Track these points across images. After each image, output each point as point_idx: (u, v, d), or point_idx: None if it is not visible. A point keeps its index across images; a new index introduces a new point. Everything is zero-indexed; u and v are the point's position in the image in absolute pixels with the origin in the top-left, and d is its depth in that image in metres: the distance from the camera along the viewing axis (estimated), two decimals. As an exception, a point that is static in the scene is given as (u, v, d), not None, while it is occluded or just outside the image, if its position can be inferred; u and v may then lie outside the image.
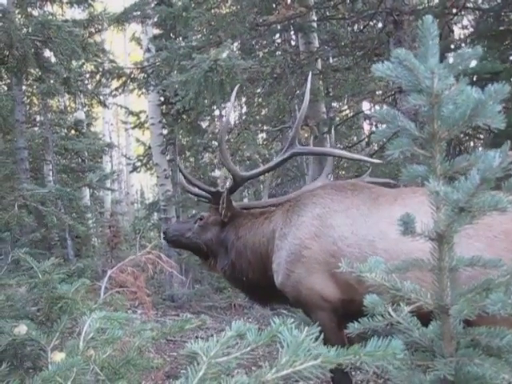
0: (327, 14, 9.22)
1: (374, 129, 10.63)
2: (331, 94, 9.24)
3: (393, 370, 1.28)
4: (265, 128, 10.50)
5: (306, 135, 7.48)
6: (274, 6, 8.83)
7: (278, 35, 10.03)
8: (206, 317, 2.15)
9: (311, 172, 6.37)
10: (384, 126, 1.38)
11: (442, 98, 1.24)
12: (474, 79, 5.12)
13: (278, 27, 9.00)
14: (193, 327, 2.29)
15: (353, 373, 4.79)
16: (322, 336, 1.24)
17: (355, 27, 9.69)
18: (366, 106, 11.52)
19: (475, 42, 6.31)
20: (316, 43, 8.56)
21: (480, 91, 1.27)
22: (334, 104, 10.08)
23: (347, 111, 9.99)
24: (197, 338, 5.48)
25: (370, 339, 1.15)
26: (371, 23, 8.87)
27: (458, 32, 8.91)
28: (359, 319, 1.53)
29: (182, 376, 1.33)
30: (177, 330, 2.13)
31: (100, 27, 6.33)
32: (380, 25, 8.49)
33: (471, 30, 8.20)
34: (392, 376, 1.37)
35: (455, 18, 7.97)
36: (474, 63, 6.03)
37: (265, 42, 9.99)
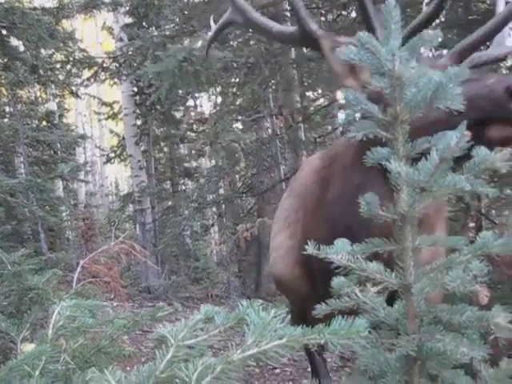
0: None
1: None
2: (305, 84, 9.26)
3: (358, 349, 1.32)
4: (240, 118, 10.49)
5: (281, 125, 7.50)
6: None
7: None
8: (178, 304, 2.16)
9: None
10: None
11: (403, 81, 1.26)
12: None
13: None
14: (166, 317, 2.29)
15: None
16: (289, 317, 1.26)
17: (329, 17, 9.71)
18: (340, 95, 11.59)
19: (444, 31, 6.39)
20: (290, 32, 8.55)
21: (441, 75, 1.29)
22: (309, 93, 10.11)
23: (321, 100, 10.04)
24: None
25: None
26: (344, 12, 8.89)
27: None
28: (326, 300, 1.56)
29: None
30: (148, 318, 2.12)
31: (68, 14, 6.20)
32: (353, 14, 8.52)
33: (442, 19, 8.29)
34: (358, 355, 1.39)
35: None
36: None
37: (238, 31, 9.94)
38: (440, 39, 1.28)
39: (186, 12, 9.20)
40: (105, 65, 9.89)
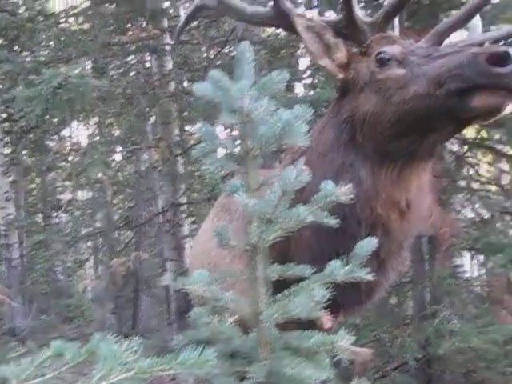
0: (181, 38, 9.35)
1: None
2: (185, 117, 9.33)
3: (210, 378, 1.33)
4: (118, 149, 10.28)
5: (157, 157, 7.45)
6: (130, 25, 8.79)
7: (132, 56, 9.94)
8: (33, 343, 2.02)
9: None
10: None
11: (252, 118, 1.33)
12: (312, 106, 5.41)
13: (133, 48, 8.94)
14: (20, 358, 2.12)
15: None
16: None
17: (210, 53, 9.97)
18: (220, 129, 11.81)
19: (317, 72, 6.85)
20: (170, 66, 8.64)
21: (289, 113, 1.39)
22: (188, 127, 10.20)
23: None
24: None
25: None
26: (224, 50, 9.18)
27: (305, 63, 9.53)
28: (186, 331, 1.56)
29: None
30: (-3, 360, 1.96)
31: None
32: (233, 53, 8.81)
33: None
34: (214, 385, 1.41)
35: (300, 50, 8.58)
36: (312, 92, 6.52)
37: (118, 62, 9.84)
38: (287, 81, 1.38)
39: (62, 38, 8.91)
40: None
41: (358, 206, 2.01)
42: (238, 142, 1.47)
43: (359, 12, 2.20)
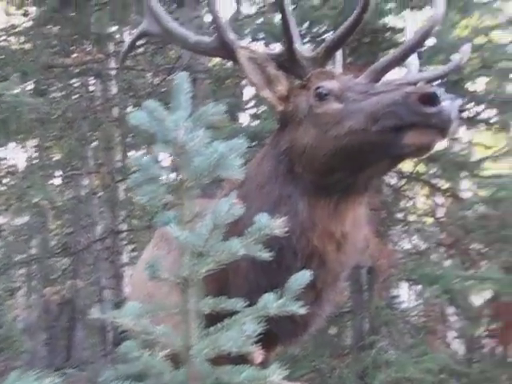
0: (127, 63, 9.29)
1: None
2: (127, 144, 9.21)
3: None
4: (57, 174, 9.96)
5: (97, 182, 7.29)
6: (74, 48, 8.65)
7: (75, 79, 9.76)
8: None
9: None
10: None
11: (186, 149, 1.33)
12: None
13: (77, 71, 8.79)
14: None
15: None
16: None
17: (156, 79, 9.94)
18: (163, 155, 11.69)
19: (260, 102, 6.94)
20: (114, 90, 8.53)
21: (225, 145, 1.39)
22: (131, 153, 10.05)
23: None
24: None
25: None
26: (169, 77, 9.18)
27: (249, 93, 9.66)
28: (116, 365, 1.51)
29: None
30: None
31: None
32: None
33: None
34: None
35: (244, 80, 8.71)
36: (256, 122, 6.59)
37: (61, 84, 9.63)
38: (224, 112, 1.39)
39: (1, 57, 8.66)
40: None
41: (294, 237, 2.03)
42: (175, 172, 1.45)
43: (300, 46, 2.27)
